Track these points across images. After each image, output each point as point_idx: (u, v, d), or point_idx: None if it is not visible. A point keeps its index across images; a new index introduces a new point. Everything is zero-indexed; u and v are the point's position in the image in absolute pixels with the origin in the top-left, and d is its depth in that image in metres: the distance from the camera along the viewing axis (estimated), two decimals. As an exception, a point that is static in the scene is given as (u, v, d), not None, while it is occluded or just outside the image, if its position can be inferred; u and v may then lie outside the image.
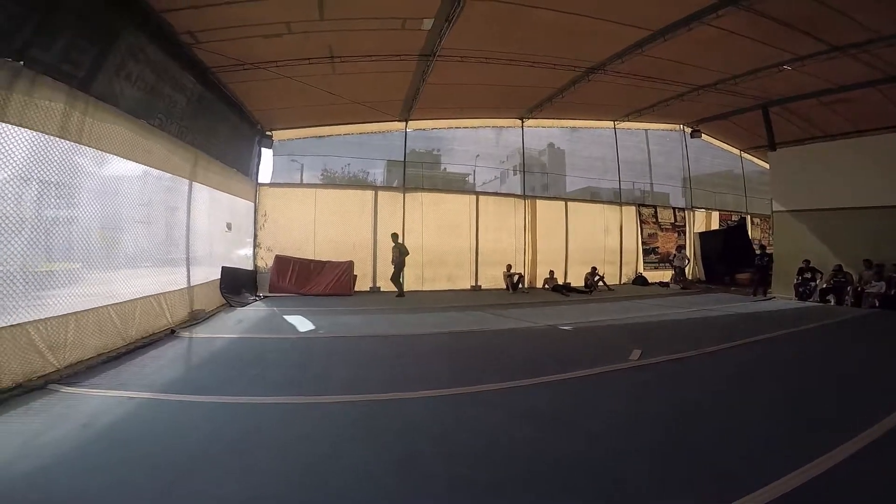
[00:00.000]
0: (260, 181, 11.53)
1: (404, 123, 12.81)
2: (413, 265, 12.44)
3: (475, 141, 14.45)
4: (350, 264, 11.54)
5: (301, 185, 12.47)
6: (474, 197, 13.56)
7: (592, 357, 5.19)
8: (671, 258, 15.27)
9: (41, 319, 4.01)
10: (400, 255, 11.24)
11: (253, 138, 11.10)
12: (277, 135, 11.86)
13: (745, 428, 3.19)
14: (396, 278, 11.28)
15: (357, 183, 13.43)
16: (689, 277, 15.29)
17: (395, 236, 11.46)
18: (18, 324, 3.77)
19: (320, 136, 12.56)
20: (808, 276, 10.92)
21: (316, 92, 9.43)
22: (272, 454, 2.71)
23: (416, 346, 5.99)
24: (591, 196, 16.29)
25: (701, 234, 16.39)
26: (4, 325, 3.63)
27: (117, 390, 3.79)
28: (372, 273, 12.15)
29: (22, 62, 3.87)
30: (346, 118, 11.89)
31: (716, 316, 8.78)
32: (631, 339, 6.32)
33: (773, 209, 12.55)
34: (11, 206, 3.81)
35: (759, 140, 14.02)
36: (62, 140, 4.35)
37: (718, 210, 17.66)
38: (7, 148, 3.69)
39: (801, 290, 10.96)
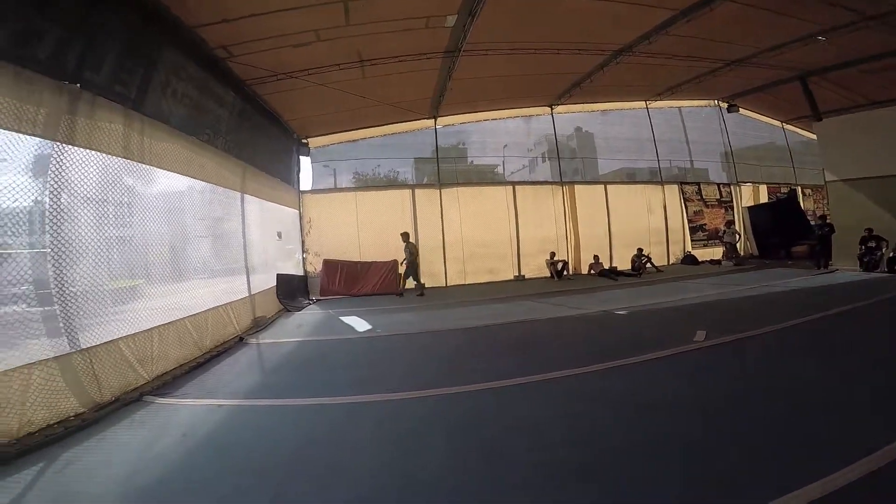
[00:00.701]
0: (301, 189, 11.81)
1: (433, 120, 12.83)
2: (455, 260, 12.54)
3: (501, 131, 14.23)
4: (394, 263, 11.66)
5: (341, 189, 12.66)
6: (510, 187, 13.42)
7: (656, 340, 5.04)
8: (721, 234, 14.75)
9: (130, 335, 4.23)
10: (411, 255, 11.06)
11: (291, 147, 11.34)
12: (313, 142, 12.06)
13: (830, 405, 3.08)
14: (415, 276, 11.13)
15: (389, 183, 13.51)
16: (742, 253, 14.70)
17: (405, 236, 11.22)
18: (111, 340, 3.99)
19: (353, 140, 12.67)
20: (872, 244, 10.31)
21: (347, 96, 9.52)
22: (363, 451, 2.79)
23: (475, 339, 6.01)
24: (627, 177, 15.84)
25: (750, 208, 15.67)
26: (100, 342, 3.85)
27: (206, 398, 3.96)
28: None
29: (79, 85, 3.94)
30: (377, 120, 11.99)
31: (777, 292, 8.38)
32: (691, 320, 6.15)
33: (826, 179, 11.94)
34: (90, 228, 3.97)
35: (801, 111, 13.28)
36: (126, 160, 4.54)
37: (766, 183, 16.87)
38: (82, 171, 3.90)
39: (865, 260, 10.36)
